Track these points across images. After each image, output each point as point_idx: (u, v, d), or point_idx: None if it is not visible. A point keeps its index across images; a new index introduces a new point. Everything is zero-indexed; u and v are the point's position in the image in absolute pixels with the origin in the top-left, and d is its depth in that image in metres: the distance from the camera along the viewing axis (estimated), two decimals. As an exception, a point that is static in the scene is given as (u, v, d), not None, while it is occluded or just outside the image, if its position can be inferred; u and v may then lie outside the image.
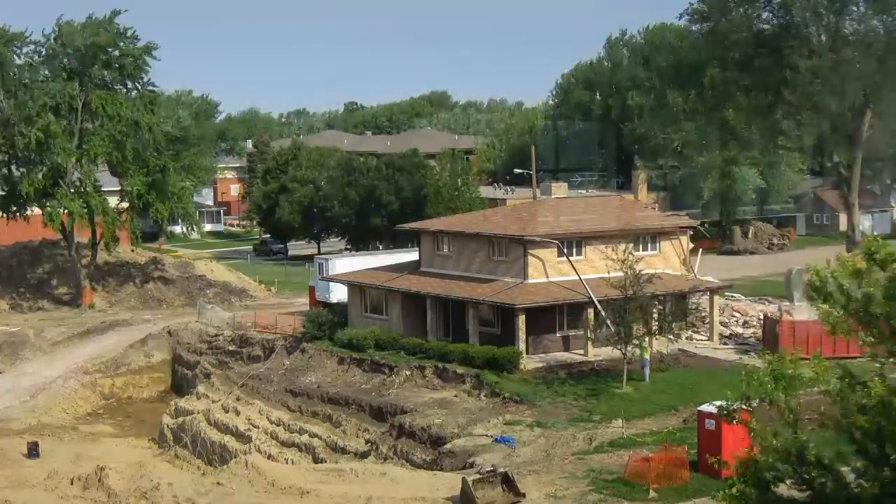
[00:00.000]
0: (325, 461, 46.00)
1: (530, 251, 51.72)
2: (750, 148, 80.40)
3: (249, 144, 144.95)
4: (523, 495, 33.31)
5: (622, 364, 46.78)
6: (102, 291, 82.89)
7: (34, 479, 45.78)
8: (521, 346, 49.91)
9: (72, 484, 41.20)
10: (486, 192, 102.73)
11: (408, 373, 51.12)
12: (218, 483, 38.25)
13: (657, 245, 55.23)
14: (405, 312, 55.85)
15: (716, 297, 55.13)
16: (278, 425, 51.73)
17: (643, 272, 47.49)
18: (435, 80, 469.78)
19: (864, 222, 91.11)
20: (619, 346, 46.81)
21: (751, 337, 55.48)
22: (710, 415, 34.20)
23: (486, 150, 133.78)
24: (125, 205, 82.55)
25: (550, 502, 33.21)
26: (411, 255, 61.85)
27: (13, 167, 79.92)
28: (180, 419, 57.18)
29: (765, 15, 67.78)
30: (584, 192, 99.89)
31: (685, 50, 76.23)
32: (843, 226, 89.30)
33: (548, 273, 51.99)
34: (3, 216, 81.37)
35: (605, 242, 52.71)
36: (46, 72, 78.57)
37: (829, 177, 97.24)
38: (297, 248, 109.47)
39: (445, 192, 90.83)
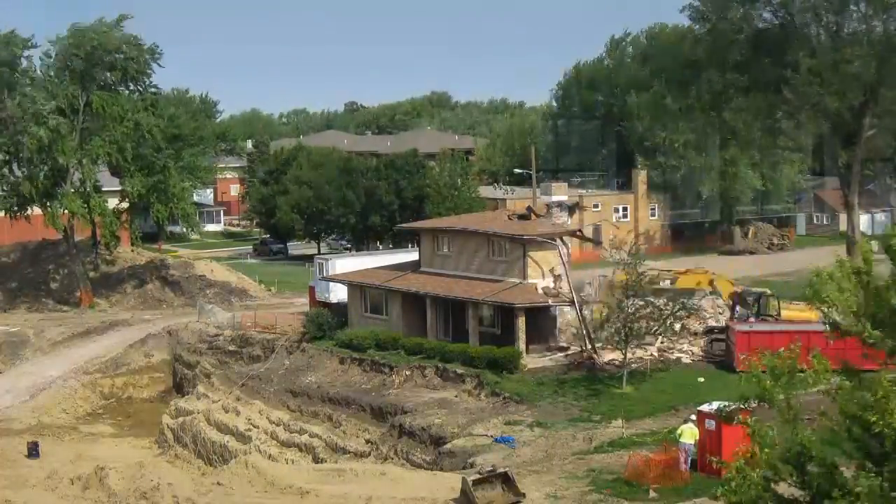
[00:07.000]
0: (325, 461, 45.96)
1: (530, 251, 51.69)
2: (750, 148, 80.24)
3: (249, 144, 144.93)
4: (523, 495, 33.24)
5: (622, 364, 46.77)
6: (102, 291, 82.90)
7: (34, 479, 45.76)
8: (521, 346, 49.90)
9: (72, 484, 41.18)
10: (486, 192, 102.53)
11: (408, 373, 51.10)
12: (218, 483, 38.19)
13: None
14: (405, 312, 55.83)
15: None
16: (278, 425, 51.71)
17: (646, 273, 47.48)
18: (435, 80, 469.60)
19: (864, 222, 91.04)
20: (619, 347, 46.79)
21: None
22: (710, 415, 34.19)
23: (487, 150, 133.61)
24: (125, 205, 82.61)
25: (550, 502, 33.15)
26: (411, 255, 61.82)
27: (15, 167, 79.93)
28: (180, 419, 57.15)
29: (765, 14, 67.70)
30: (584, 191, 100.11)
31: (685, 50, 76.08)
32: (843, 226, 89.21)
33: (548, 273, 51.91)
34: (5, 215, 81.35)
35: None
36: (52, 73, 78.66)
37: (830, 177, 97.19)
38: (297, 248, 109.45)
39: (445, 192, 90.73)
